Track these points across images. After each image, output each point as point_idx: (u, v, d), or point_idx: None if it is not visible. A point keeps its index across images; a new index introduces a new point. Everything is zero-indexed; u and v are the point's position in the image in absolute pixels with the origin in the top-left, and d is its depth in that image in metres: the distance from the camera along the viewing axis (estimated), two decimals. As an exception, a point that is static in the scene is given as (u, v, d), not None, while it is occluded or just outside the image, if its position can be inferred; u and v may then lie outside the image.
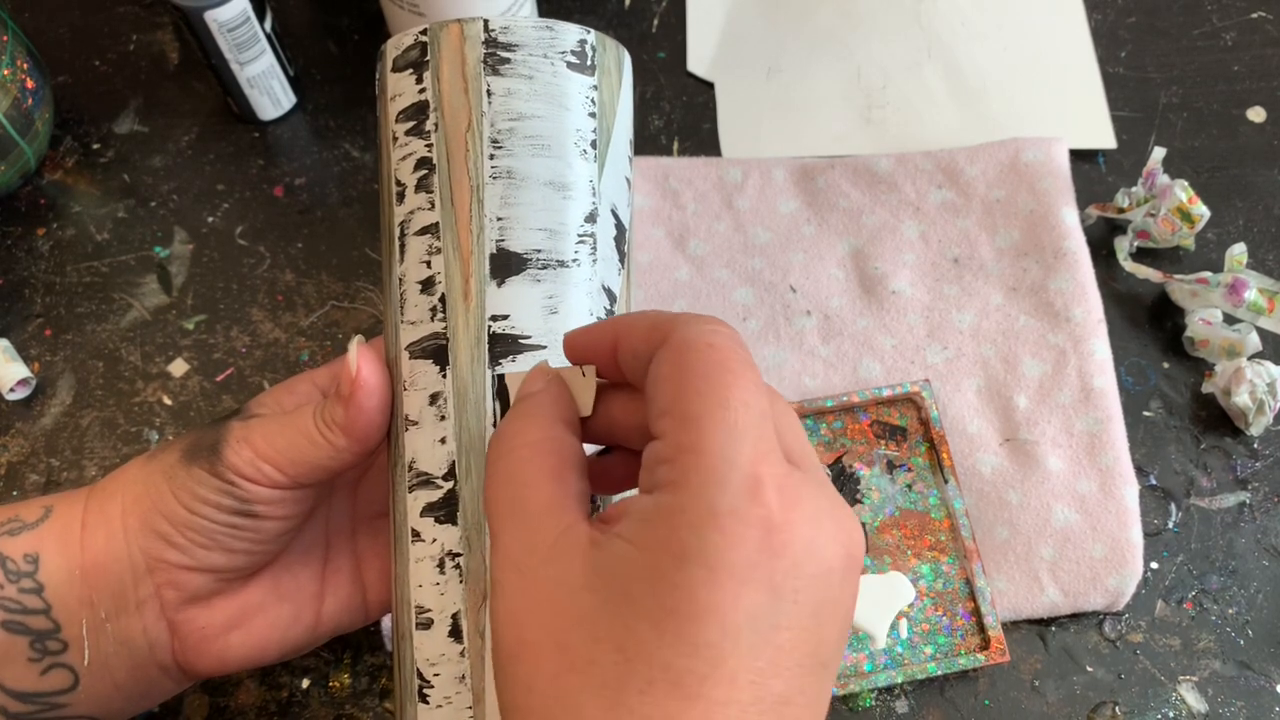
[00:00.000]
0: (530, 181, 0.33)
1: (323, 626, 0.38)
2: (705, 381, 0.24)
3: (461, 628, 0.32)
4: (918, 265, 0.51)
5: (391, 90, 0.35)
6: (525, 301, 0.33)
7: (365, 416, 0.33)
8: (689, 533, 0.23)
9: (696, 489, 0.23)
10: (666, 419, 0.25)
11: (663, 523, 0.24)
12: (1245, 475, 0.48)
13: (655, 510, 0.24)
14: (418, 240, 0.34)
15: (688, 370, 0.25)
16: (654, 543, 0.24)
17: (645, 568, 0.23)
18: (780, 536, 0.23)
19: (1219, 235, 0.53)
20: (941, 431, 0.47)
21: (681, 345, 0.25)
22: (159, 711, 0.43)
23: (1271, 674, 0.44)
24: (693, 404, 0.24)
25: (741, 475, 0.24)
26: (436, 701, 0.32)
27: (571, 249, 0.33)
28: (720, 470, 0.24)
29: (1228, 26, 0.60)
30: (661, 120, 0.57)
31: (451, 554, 0.32)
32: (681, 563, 0.23)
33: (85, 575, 0.34)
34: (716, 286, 0.51)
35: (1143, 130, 0.56)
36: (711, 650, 0.23)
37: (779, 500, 0.24)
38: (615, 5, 0.61)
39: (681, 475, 0.24)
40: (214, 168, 0.56)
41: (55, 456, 0.49)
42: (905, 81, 0.58)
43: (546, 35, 0.34)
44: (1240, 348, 0.48)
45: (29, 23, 0.61)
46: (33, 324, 0.52)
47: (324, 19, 0.61)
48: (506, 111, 0.33)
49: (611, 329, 0.28)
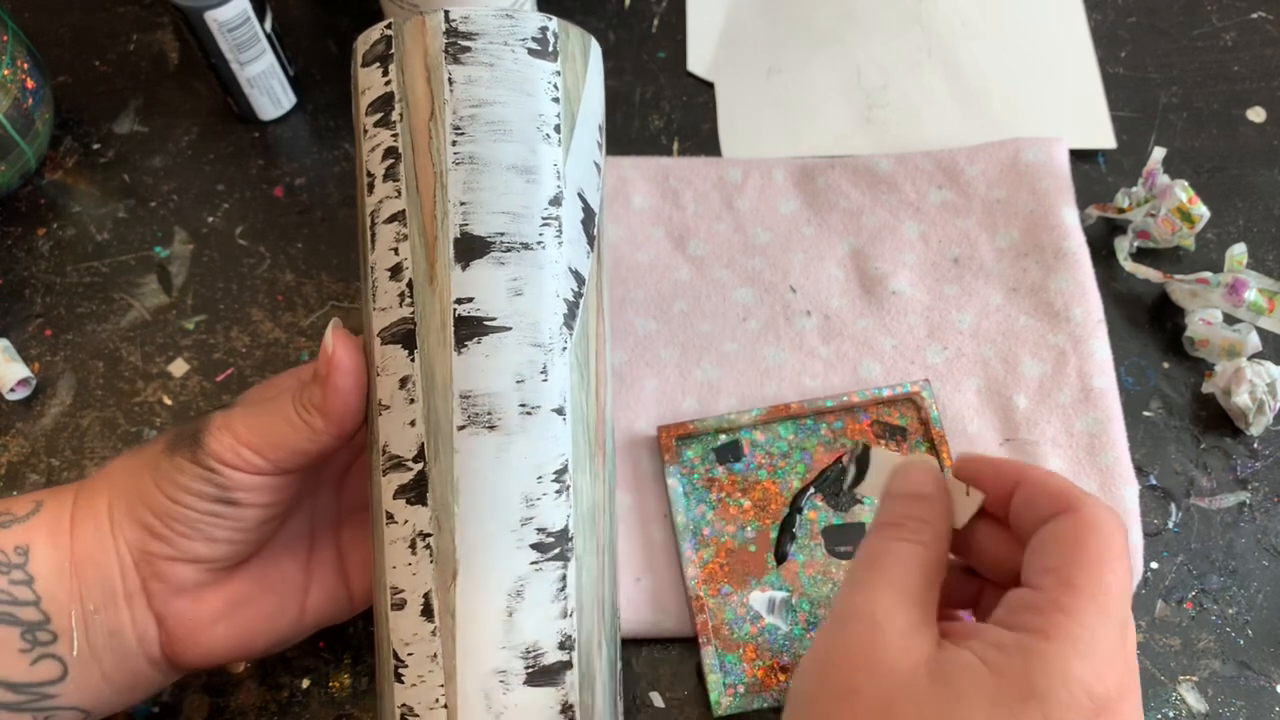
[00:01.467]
0: (493, 166, 0.34)
1: (307, 618, 0.38)
2: (1098, 559, 0.28)
3: (433, 607, 0.32)
4: (918, 265, 0.51)
5: (361, 85, 0.36)
6: (490, 284, 0.33)
7: (341, 398, 0.34)
8: (1041, 678, 0.26)
9: (1059, 647, 0.27)
10: (1050, 576, 0.28)
11: (1019, 657, 0.27)
12: (1245, 475, 0.48)
13: (1016, 646, 0.27)
14: (386, 228, 0.34)
15: (1088, 544, 0.28)
16: (1004, 669, 0.27)
17: (989, 684, 0.27)
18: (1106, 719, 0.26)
19: (1219, 235, 0.53)
20: (941, 431, 0.47)
21: (1094, 521, 0.29)
22: (159, 711, 0.43)
23: (1271, 674, 0.44)
24: (1080, 575, 0.28)
25: (1101, 657, 0.27)
26: (411, 680, 0.33)
27: (536, 232, 0.34)
28: (1088, 636, 0.27)
29: (1228, 26, 0.60)
30: (661, 120, 0.57)
31: (422, 534, 0.33)
32: (1025, 698, 0.26)
33: (74, 568, 0.35)
34: (716, 286, 0.51)
35: (1143, 130, 0.56)
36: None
37: (1118, 693, 0.27)
38: (615, 5, 0.61)
39: (1052, 629, 0.27)
40: (214, 168, 0.56)
41: (55, 456, 0.49)
42: (905, 81, 0.58)
43: (507, 23, 0.34)
44: (1240, 348, 0.48)
45: (29, 23, 0.61)
46: (33, 324, 0.52)
47: (324, 19, 0.61)
48: (468, 99, 0.34)
49: (1018, 473, 0.31)
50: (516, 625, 0.32)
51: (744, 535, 0.45)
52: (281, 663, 0.44)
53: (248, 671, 0.44)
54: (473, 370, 0.33)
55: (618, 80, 0.59)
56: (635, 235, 0.52)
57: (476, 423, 0.33)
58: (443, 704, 0.32)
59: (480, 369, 0.33)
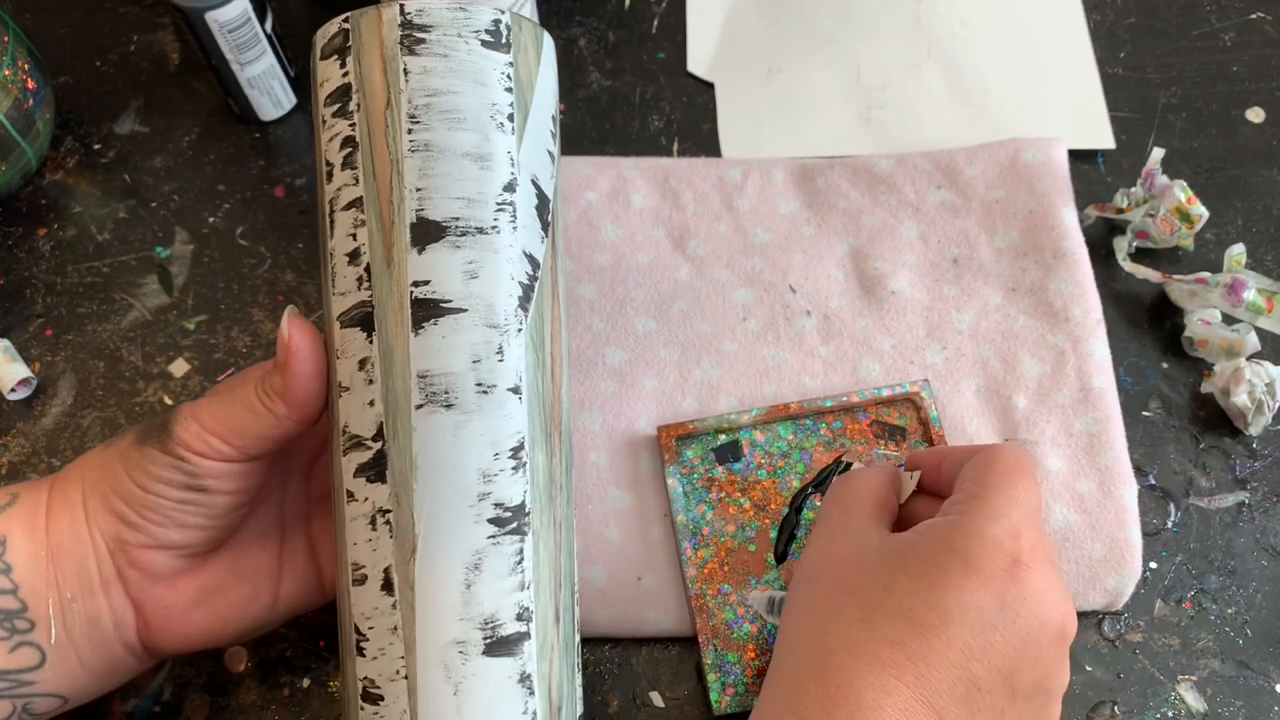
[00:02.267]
0: (448, 153, 0.34)
1: (281, 605, 0.40)
2: (1003, 473, 0.34)
3: (393, 580, 0.33)
4: (917, 265, 0.51)
5: (320, 77, 0.37)
6: (445, 267, 0.34)
7: (300, 382, 0.35)
8: (960, 537, 0.32)
9: (974, 515, 0.33)
10: (967, 484, 0.35)
11: (944, 527, 0.33)
12: (1244, 475, 0.48)
13: (941, 522, 0.34)
14: (345, 215, 0.35)
15: (993, 461, 0.35)
16: (933, 538, 0.33)
17: (922, 549, 0.33)
18: (1021, 572, 0.32)
19: (1218, 235, 0.53)
20: (941, 431, 0.47)
21: (995, 450, 0.35)
22: (159, 711, 0.43)
23: (1270, 674, 0.44)
24: (988, 476, 0.34)
25: (1009, 523, 0.33)
26: (372, 654, 0.33)
27: (491, 216, 0.35)
28: (997, 512, 0.33)
29: (1227, 27, 0.60)
30: (661, 120, 0.57)
31: (382, 511, 0.33)
32: (949, 553, 0.32)
33: (51, 557, 0.36)
34: (716, 287, 0.51)
35: (1142, 130, 0.56)
36: (944, 613, 0.31)
37: (1029, 552, 0.32)
38: (615, 5, 0.61)
39: (966, 508, 0.33)
40: (215, 168, 0.56)
41: (56, 456, 0.49)
42: (905, 82, 0.58)
43: (460, 16, 0.35)
44: (1239, 348, 0.48)
45: (30, 23, 0.61)
46: (34, 324, 0.52)
47: (324, 19, 0.61)
48: (423, 89, 0.34)
49: (944, 452, 0.38)
50: (475, 597, 0.33)
51: (743, 535, 0.45)
52: (281, 662, 0.44)
53: (248, 670, 0.44)
54: (430, 351, 0.34)
55: (618, 80, 0.59)
56: (635, 235, 0.52)
57: (434, 401, 0.33)
58: (403, 675, 0.33)
59: (437, 349, 0.34)
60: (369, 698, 0.33)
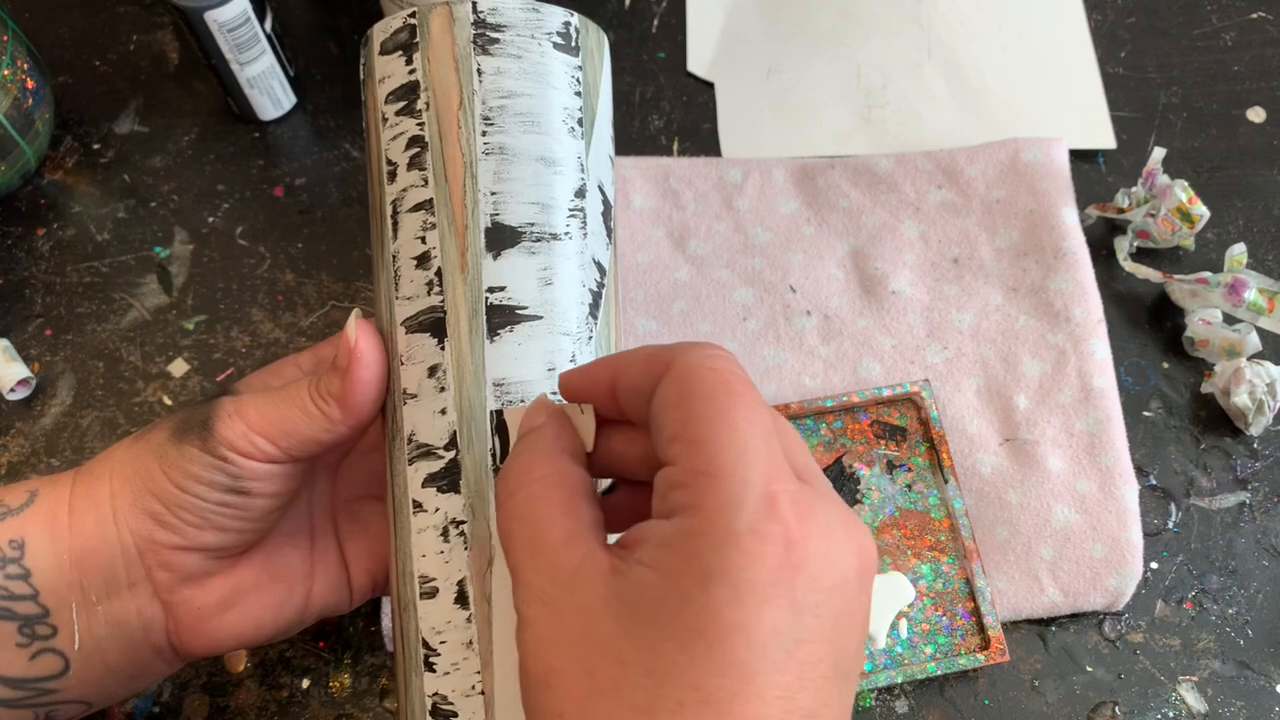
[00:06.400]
0: (522, 157, 0.34)
1: (312, 607, 0.38)
2: (711, 405, 0.25)
3: (468, 593, 0.32)
4: (917, 265, 0.51)
5: (380, 73, 0.36)
6: (521, 273, 0.33)
7: (361, 389, 0.34)
8: (710, 554, 0.23)
9: (714, 511, 0.24)
10: (677, 444, 0.25)
11: (683, 546, 0.24)
12: (1245, 475, 0.48)
13: (675, 534, 0.24)
14: (411, 217, 0.34)
15: (693, 395, 0.25)
16: (676, 566, 0.24)
17: (669, 592, 0.24)
18: (798, 551, 0.24)
19: (1219, 235, 0.53)
20: (941, 431, 0.47)
21: (684, 372, 0.26)
22: (159, 711, 0.43)
23: (1271, 674, 0.44)
24: (701, 428, 0.25)
25: (756, 494, 0.24)
26: (444, 669, 0.32)
27: (563, 222, 0.34)
28: (736, 491, 0.24)
29: (1227, 27, 0.60)
30: (661, 120, 0.57)
31: (455, 522, 0.32)
32: (705, 584, 0.23)
33: (74, 559, 0.34)
34: (716, 286, 0.51)
35: (1143, 130, 0.56)
36: (740, 668, 0.23)
37: (794, 515, 0.24)
38: (615, 5, 0.61)
39: (698, 498, 0.24)
40: (214, 168, 0.56)
41: (56, 456, 0.49)
42: (905, 81, 0.58)
43: (533, 16, 0.35)
44: (1240, 348, 0.48)
45: (29, 23, 0.61)
46: (33, 324, 0.52)
47: (324, 19, 0.61)
48: (497, 90, 0.34)
49: (608, 367, 0.28)
50: None
51: (744, 535, 0.45)
52: (281, 663, 0.44)
53: (248, 671, 0.44)
54: (505, 358, 0.33)
55: (618, 80, 0.59)
56: (635, 235, 0.52)
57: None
58: (479, 690, 0.32)
59: (513, 357, 0.33)
60: (440, 714, 0.32)
